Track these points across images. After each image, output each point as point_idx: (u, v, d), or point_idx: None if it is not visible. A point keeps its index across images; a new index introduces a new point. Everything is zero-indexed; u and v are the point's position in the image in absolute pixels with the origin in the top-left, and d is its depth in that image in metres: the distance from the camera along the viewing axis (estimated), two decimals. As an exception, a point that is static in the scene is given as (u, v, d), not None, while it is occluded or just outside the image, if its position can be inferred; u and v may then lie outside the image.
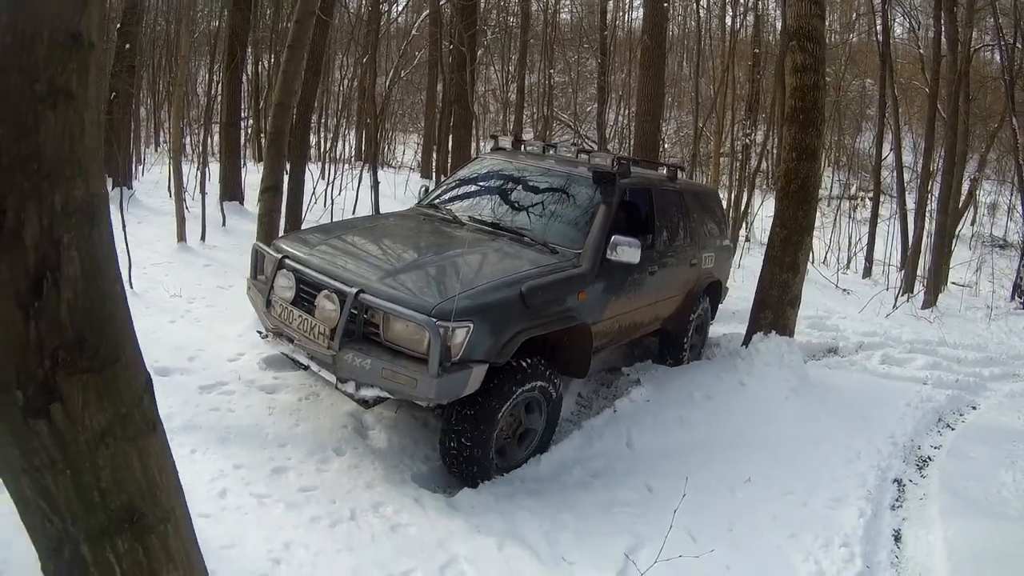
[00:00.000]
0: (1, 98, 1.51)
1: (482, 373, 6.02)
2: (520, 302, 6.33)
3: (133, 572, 2.03)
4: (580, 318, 7.13)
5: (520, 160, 9.17)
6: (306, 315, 6.38)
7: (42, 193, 1.58)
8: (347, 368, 6.03)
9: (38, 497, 1.85)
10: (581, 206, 8.08)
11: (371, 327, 6.11)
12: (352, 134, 31.97)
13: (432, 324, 5.63)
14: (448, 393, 5.85)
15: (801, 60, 9.86)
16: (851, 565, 5.77)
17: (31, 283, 1.61)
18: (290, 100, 9.99)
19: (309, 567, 4.88)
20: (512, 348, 6.23)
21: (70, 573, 1.97)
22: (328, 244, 7.20)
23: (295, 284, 6.59)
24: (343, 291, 6.11)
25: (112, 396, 1.84)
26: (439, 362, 5.64)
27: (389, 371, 5.83)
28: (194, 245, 13.42)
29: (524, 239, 7.62)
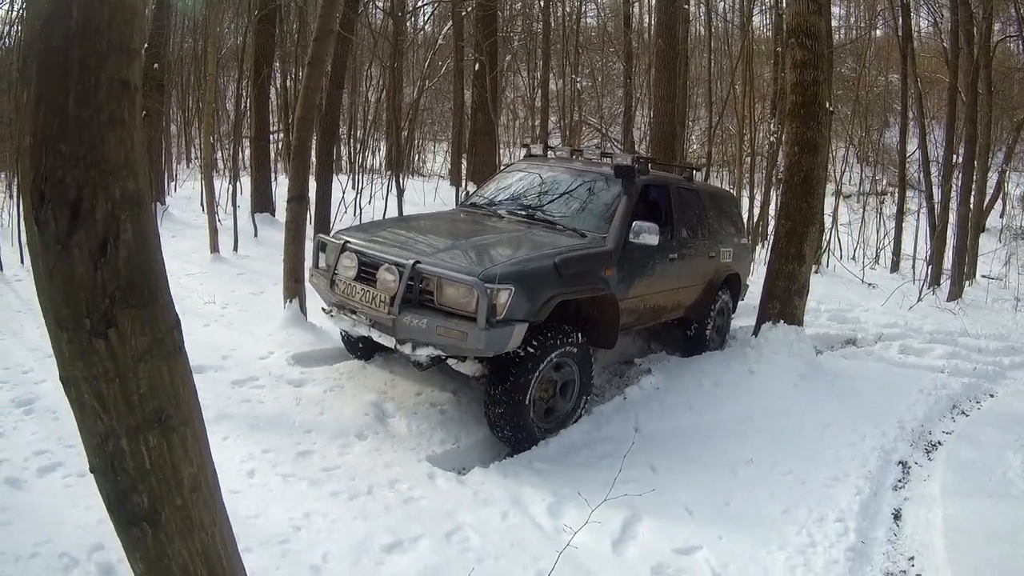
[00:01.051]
0: (80, 126, 2.21)
1: (523, 331, 6.81)
2: (554, 271, 7.16)
3: (159, 463, 2.61)
4: (608, 289, 7.89)
5: (550, 164, 10.03)
6: (368, 287, 7.20)
7: (108, 186, 2.27)
8: (406, 329, 6.88)
9: (93, 400, 2.46)
10: (605, 198, 8.88)
11: (426, 294, 6.90)
12: (382, 144, 32.24)
13: (480, 284, 6.47)
14: (494, 345, 6.65)
15: (800, 56, 10.11)
16: (844, 539, 5.85)
17: (99, 244, 2.29)
18: (312, 114, 10.28)
19: (326, 532, 5.28)
20: (548, 309, 7.04)
21: (112, 463, 2.56)
22: (381, 233, 8.09)
23: (357, 263, 7.41)
24: (402, 263, 6.95)
25: (152, 325, 2.48)
26: (486, 318, 6.47)
27: (443, 327, 6.66)
28: (227, 256, 13.82)
29: (556, 227, 8.48)
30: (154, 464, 2.61)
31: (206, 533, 2.83)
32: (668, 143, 16.48)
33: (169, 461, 2.64)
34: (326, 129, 13.54)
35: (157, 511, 2.65)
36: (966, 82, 20.55)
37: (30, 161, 2.24)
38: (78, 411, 2.53)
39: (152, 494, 2.63)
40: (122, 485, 2.59)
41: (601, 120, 34.38)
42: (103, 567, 4.69)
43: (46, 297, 2.39)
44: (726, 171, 29.55)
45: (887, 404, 8.97)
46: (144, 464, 2.59)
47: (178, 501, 2.69)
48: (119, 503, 2.64)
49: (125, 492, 2.61)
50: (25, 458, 5.93)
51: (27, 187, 2.29)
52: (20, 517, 5.16)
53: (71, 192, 2.23)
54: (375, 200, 19.27)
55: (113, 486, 2.61)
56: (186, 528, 2.74)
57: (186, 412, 2.68)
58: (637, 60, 29.93)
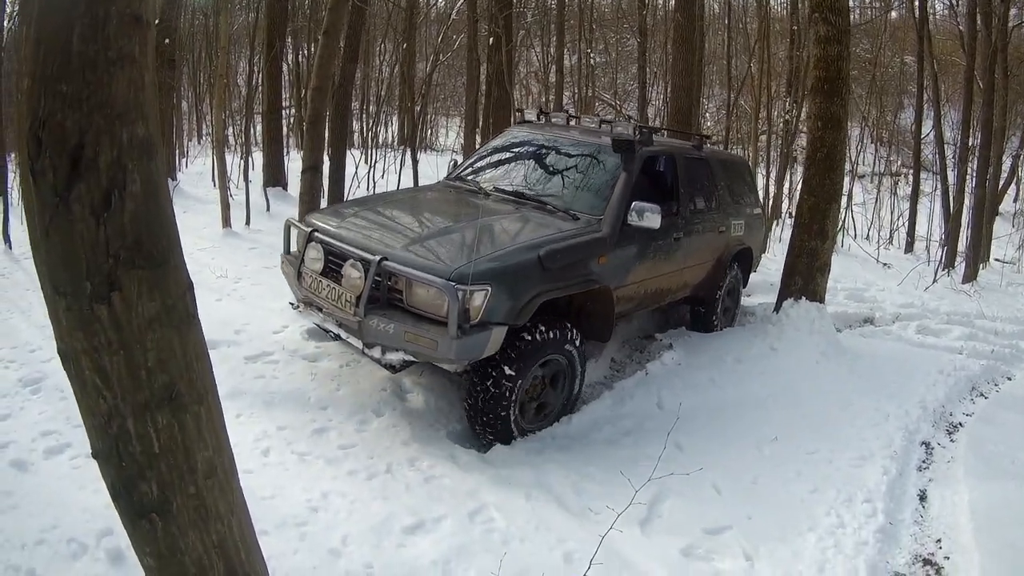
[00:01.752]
0: (84, 63, 1.97)
1: (502, 335, 6.24)
2: (538, 265, 6.52)
3: (169, 446, 2.38)
4: (601, 281, 7.28)
5: (544, 132, 9.31)
6: (334, 284, 6.67)
7: (113, 130, 2.02)
8: (372, 333, 6.31)
9: (94, 375, 2.23)
10: (602, 174, 8.25)
11: (395, 293, 6.39)
12: (395, 119, 32.14)
13: (450, 287, 5.87)
14: (468, 354, 6.10)
15: (825, 32, 9.93)
16: (873, 520, 5.81)
17: (103, 197, 2.04)
18: (327, 84, 10.19)
19: (345, 513, 5.16)
20: (530, 310, 6.43)
21: (116, 446, 2.34)
22: (355, 216, 7.48)
23: (323, 255, 6.92)
24: (367, 259, 6.39)
25: (161, 290, 2.24)
26: (458, 324, 5.90)
27: (412, 334, 6.11)
28: (239, 230, 13.70)
29: (547, 207, 7.81)
30: (164, 448, 2.38)
31: (222, 523, 2.61)
32: (685, 118, 16.35)
33: (181, 444, 2.41)
34: (339, 102, 13.38)
35: (168, 500, 2.43)
36: (983, 65, 20.41)
37: (27, 105, 2.00)
38: (78, 388, 2.31)
39: (162, 481, 2.41)
40: (128, 472, 2.38)
41: (615, 96, 34.25)
42: (112, 554, 4.55)
43: (42, 258, 2.16)
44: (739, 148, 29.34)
45: (908, 384, 8.89)
46: (153, 448, 2.36)
47: (191, 489, 2.47)
48: (125, 492, 2.42)
49: (132, 480, 2.39)
50: (32, 439, 5.81)
51: (23, 134, 2.04)
52: (26, 501, 5.04)
53: (72, 138, 1.98)
54: (388, 174, 19.14)
55: (118, 473, 2.40)
56: (200, 518, 2.53)
57: (200, 389, 2.45)
58: (652, 36, 29.74)
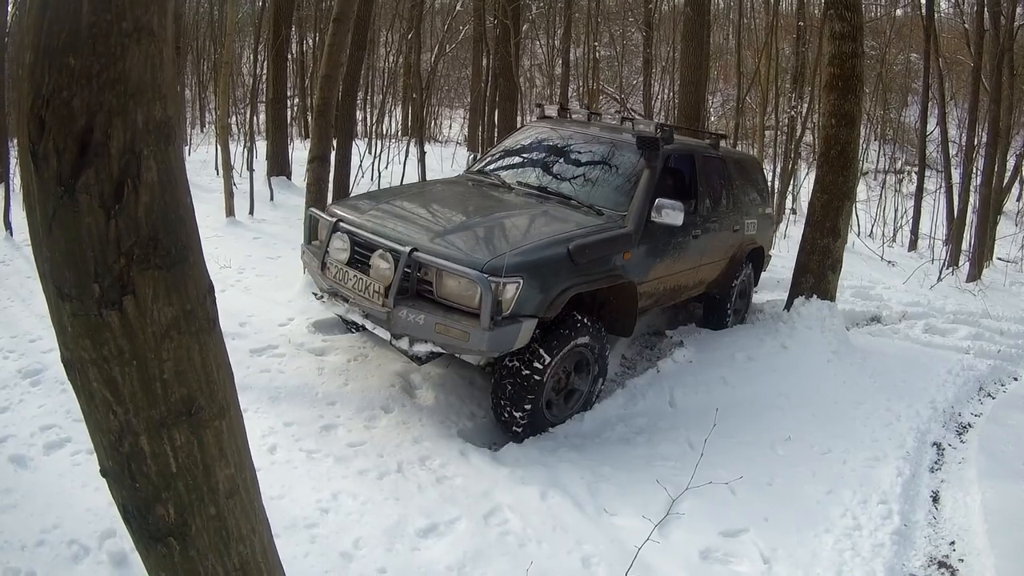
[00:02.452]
0: (96, 35, 1.74)
1: (532, 327, 6.24)
2: (568, 259, 6.54)
3: (188, 465, 2.18)
4: (626, 276, 7.31)
5: (566, 128, 9.29)
6: (361, 275, 6.59)
7: (127, 111, 1.80)
8: (401, 324, 6.25)
9: (104, 388, 2.02)
10: (626, 171, 8.23)
11: (424, 284, 6.34)
12: (398, 110, 32.09)
13: (484, 279, 5.86)
14: (499, 346, 6.08)
15: (840, 28, 9.88)
16: (888, 522, 5.78)
17: (114, 187, 1.81)
18: (336, 72, 10.09)
19: (356, 515, 5.05)
20: (560, 304, 6.45)
21: (129, 466, 2.13)
22: (380, 208, 7.39)
23: (350, 246, 6.82)
24: (397, 250, 6.32)
25: (180, 292, 2.01)
26: (490, 316, 5.89)
27: (442, 325, 6.06)
28: (243, 219, 13.58)
29: (571, 202, 7.79)
30: (182, 467, 2.19)
31: (244, 545, 2.44)
32: (693, 113, 16.24)
33: (201, 462, 2.22)
34: (347, 90, 13.28)
35: (186, 523, 2.25)
36: (991, 64, 20.39)
37: (29, 81, 1.78)
38: (85, 401, 2.10)
39: (180, 503, 2.22)
40: (142, 493, 2.18)
41: (620, 89, 34.20)
42: (115, 557, 4.45)
43: (44, 256, 1.93)
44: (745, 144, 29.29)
45: (918, 383, 8.87)
46: (170, 467, 2.17)
47: (212, 510, 2.29)
48: (139, 515, 2.23)
49: (146, 502, 2.19)
50: (31, 433, 5.70)
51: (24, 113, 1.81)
52: (26, 499, 4.93)
53: (79, 118, 1.76)
54: (392, 165, 19.06)
55: (131, 495, 2.20)
56: (221, 541, 2.35)
57: (221, 402, 2.25)
58: (657, 30, 29.70)
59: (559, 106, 9.82)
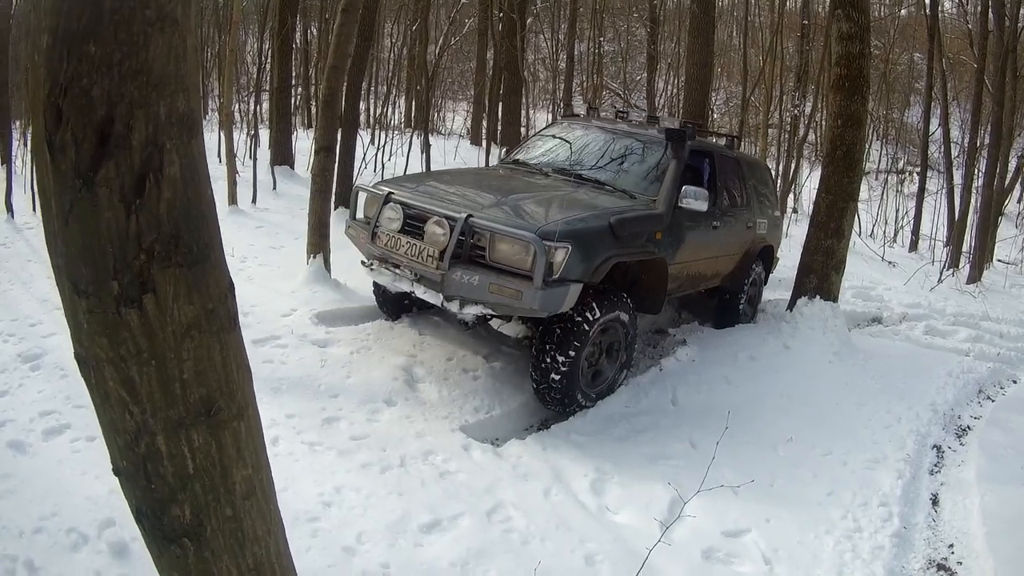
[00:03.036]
0: (117, 22, 1.68)
1: (578, 291, 6.65)
2: (610, 232, 6.97)
3: (205, 466, 2.14)
4: (659, 253, 7.79)
5: (593, 125, 9.75)
6: (415, 241, 6.96)
7: (149, 102, 1.74)
8: (455, 286, 6.67)
9: (120, 388, 1.97)
10: (653, 162, 8.69)
11: (477, 250, 6.74)
12: (402, 101, 32.05)
13: (539, 241, 6.30)
14: (550, 305, 6.48)
15: (847, 29, 9.88)
16: (889, 524, 5.80)
17: (135, 181, 1.75)
18: (343, 63, 10.07)
19: (360, 509, 5.03)
20: (603, 271, 6.94)
21: (144, 466, 2.09)
22: (427, 184, 8.03)
23: (402, 215, 7.17)
24: (453, 216, 6.72)
25: (201, 291, 1.97)
26: (543, 277, 6.30)
27: (496, 285, 6.48)
28: (246, 208, 13.57)
29: (604, 187, 8.26)
30: (199, 468, 2.15)
31: (259, 546, 2.41)
32: (699, 110, 16.23)
33: (218, 463, 2.19)
34: (352, 81, 13.27)
35: (202, 524, 2.22)
36: (995, 65, 20.35)
37: (46, 68, 1.70)
38: (99, 400, 2.05)
39: (196, 504, 2.18)
40: (158, 494, 2.14)
41: (623, 85, 34.18)
42: (115, 547, 4.40)
43: (59, 251, 1.87)
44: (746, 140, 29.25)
45: (918, 386, 8.88)
46: (187, 468, 2.13)
47: (228, 511, 2.26)
48: (153, 515, 2.20)
49: (162, 503, 2.16)
50: (31, 419, 5.67)
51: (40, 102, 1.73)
52: (24, 486, 4.89)
53: (100, 108, 1.69)
54: (396, 157, 19.04)
55: (146, 495, 2.16)
56: (236, 542, 2.32)
57: (240, 402, 2.23)
58: (661, 27, 29.68)
59: (588, 105, 10.24)
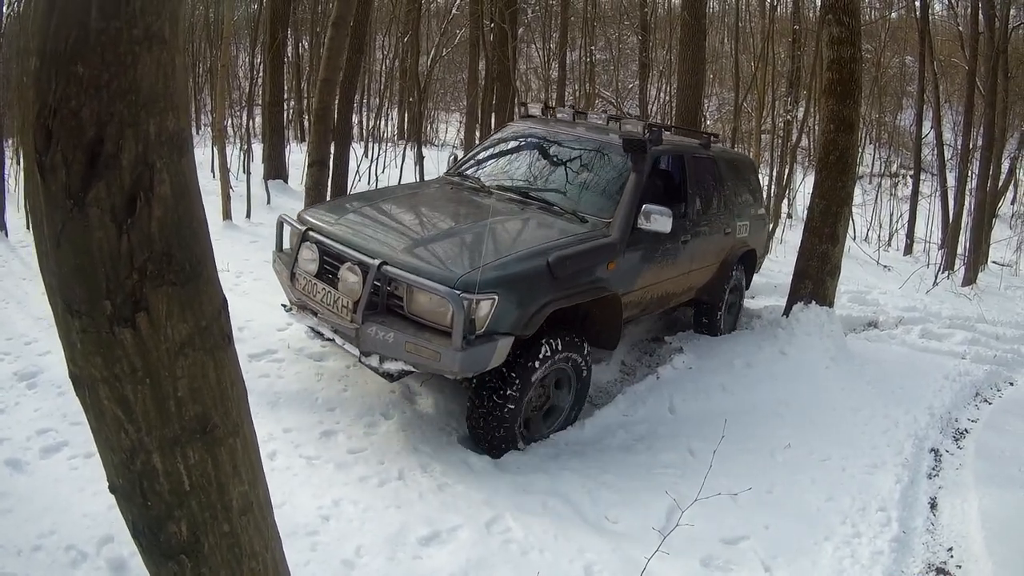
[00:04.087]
0: (104, 42, 1.70)
1: (508, 346, 5.99)
2: (547, 273, 6.27)
3: (201, 483, 2.15)
4: (610, 288, 7.05)
5: (550, 128, 9.02)
6: (329, 288, 6.39)
7: (138, 122, 1.75)
8: (370, 341, 6.03)
9: (115, 406, 1.98)
10: (611, 174, 8.00)
11: (395, 299, 6.09)
12: (394, 113, 32.07)
13: (456, 296, 5.59)
14: (473, 366, 5.83)
15: (838, 33, 9.89)
16: (887, 529, 5.81)
17: (126, 200, 1.77)
18: (335, 76, 10.11)
19: (358, 522, 5.03)
20: (539, 320, 6.17)
21: (140, 484, 2.10)
22: (353, 214, 7.23)
23: (319, 256, 6.61)
24: (366, 263, 6.09)
25: (194, 309, 1.98)
26: (463, 335, 5.63)
27: (412, 344, 5.82)
28: (240, 223, 13.54)
29: (553, 208, 7.55)
30: (195, 485, 2.17)
31: (257, 562, 2.43)
32: (692, 116, 16.25)
33: (215, 480, 2.20)
34: (344, 94, 13.29)
35: (199, 541, 2.24)
36: (986, 66, 20.42)
37: (35, 90, 1.73)
38: (94, 419, 2.07)
39: (193, 521, 2.20)
40: (154, 512, 2.17)
41: (616, 93, 34.22)
42: (114, 563, 4.42)
43: (51, 271, 1.89)
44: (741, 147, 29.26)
45: (915, 389, 8.89)
46: (183, 485, 2.15)
47: (225, 527, 2.28)
48: (150, 533, 2.22)
49: (159, 520, 2.18)
50: (27, 437, 5.66)
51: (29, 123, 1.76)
52: (22, 504, 4.89)
53: (89, 129, 1.71)
54: (389, 168, 19.07)
55: (142, 512, 2.19)
56: (234, 558, 2.34)
57: (235, 419, 2.25)
58: (653, 34, 29.71)
59: (543, 105, 9.63)
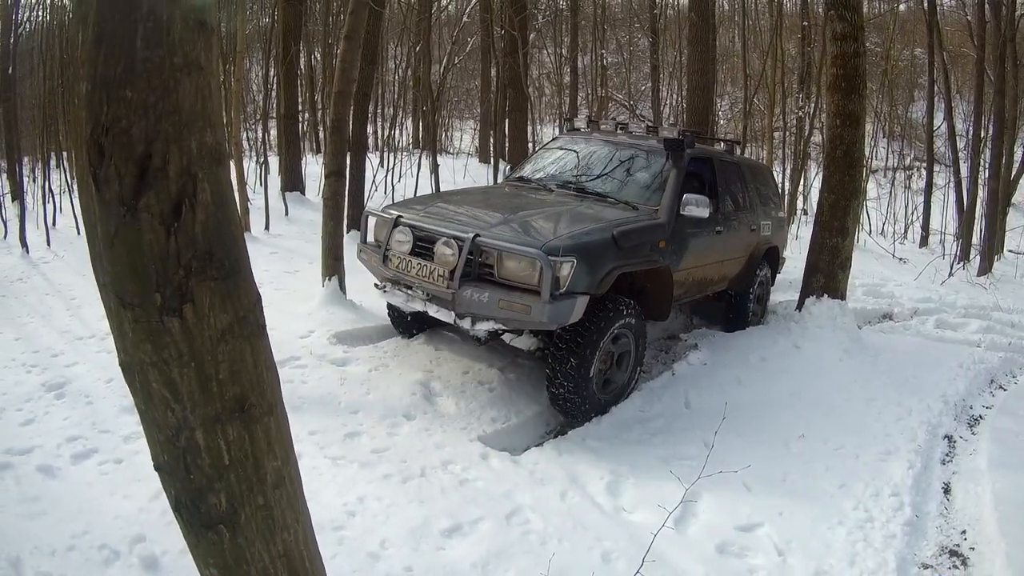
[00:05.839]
0: (150, 69, 1.93)
1: (584, 303, 6.78)
2: (613, 243, 7.13)
3: (239, 457, 2.35)
4: (663, 261, 7.94)
5: (595, 138, 9.90)
6: (425, 262, 7.15)
7: (182, 138, 1.98)
8: (466, 303, 6.85)
9: (163, 388, 2.19)
10: (654, 171, 8.85)
11: (485, 268, 6.90)
12: (409, 122, 32.16)
13: (544, 257, 6.47)
14: (558, 317, 6.62)
15: (841, 29, 9.93)
16: (900, 513, 5.86)
17: (173, 207, 2.00)
18: (349, 88, 10.19)
19: (382, 517, 5.18)
20: (608, 282, 7.05)
21: (184, 459, 2.30)
22: (434, 207, 8.04)
23: (412, 238, 7.38)
24: (461, 236, 6.92)
25: (233, 301, 2.20)
26: (550, 291, 6.47)
27: (505, 301, 6.64)
28: (259, 235, 13.73)
29: (607, 199, 8.46)
30: (234, 459, 2.36)
31: (289, 533, 2.60)
32: (702, 117, 16.34)
33: (251, 455, 2.39)
34: (359, 105, 13.43)
35: (236, 512, 2.42)
36: (993, 56, 20.32)
37: (87, 111, 1.95)
38: (143, 401, 2.27)
39: (231, 493, 2.39)
40: (196, 484, 2.35)
41: (628, 96, 34.24)
42: (146, 560, 4.58)
43: (106, 269, 2.10)
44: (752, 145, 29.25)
45: (929, 378, 8.92)
46: (223, 460, 2.34)
47: (260, 500, 2.45)
48: (192, 504, 2.40)
49: (200, 492, 2.36)
50: (58, 444, 5.85)
51: (83, 140, 1.98)
52: (55, 507, 5.06)
53: (138, 145, 1.94)
54: (405, 178, 19.17)
55: (185, 486, 2.37)
56: (268, 529, 2.51)
57: (270, 399, 2.44)
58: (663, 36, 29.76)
59: (587, 119, 10.51)
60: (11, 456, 5.64)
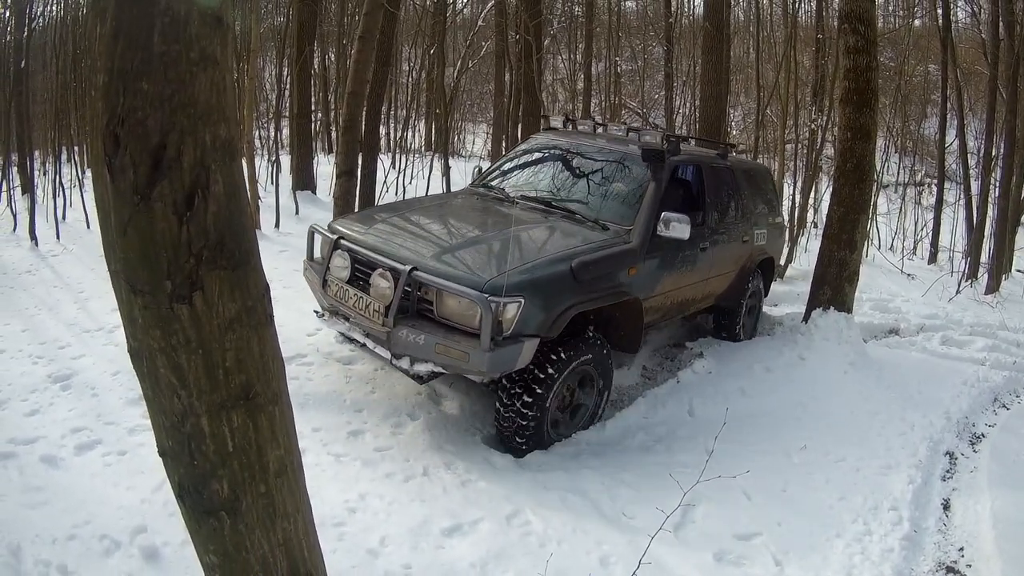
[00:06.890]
0: (167, 62, 1.98)
1: (533, 347, 6.18)
2: (571, 277, 6.48)
3: (242, 445, 2.40)
4: (631, 293, 7.26)
5: (571, 139, 9.22)
6: (361, 293, 6.58)
7: (196, 130, 2.03)
8: (401, 344, 6.23)
9: (171, 374, 2.24)
10: (631, 183, 8.19)
11: (424, 303, 6.33)
12: (421, 124, 32.18)
13: (484, 299, 5.80)
14: (500, 367, 6.03)
15: (854, 42, 9.89)
16: (898, 528, 5.88)
17: (186, 197, 2.05)
18: (362, 89, 10.23)
19: (383, 515, 5.21)
20: (563, 323, 6.38)
21: (188, 445, 2.35)
22: (382, 224, 7.49)
23: (350, 263, 6.83)
24: (397, 268, 6.28)
25: (242, 290, 2.25)
26: (491, 336, 5.84)
27: (442, 346, 6.02)
28: (269, 233, 13.73)
29: (575, 216, 7.76)
30: (237, 447, 2.41)
31: (289, 522, 2.65)
32: (715, 127, 16.31)
33: (255, 443, 2.44)
34: (372, 106, 13.45)
35: (238, 499, 2.46)
36: (1007, 74, 20.25)
37: (104, 102, 2.00)
38: (150, 387, 2.32)
39: (233, 480, 2.43)
40: (199, 470, 2.40)
41: (642, 104, 34.24)
42: (146, 551, 4.62)
43: (118, 256, 2.14)
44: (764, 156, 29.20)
45: (933, 394, 8.88)
46: (226, 446, 2.39)
47: (261, 487, 2.50)
48: (194, 490, 2.45)
49: (203, 478, 2.41)
50: (62, 435, 5.88)
51: (99, 130, 2.03)
52: (57, 497, 5.10)
53: (154, 136, 1.99)
54: (417, 179, 19.20)
55: (188, 471, 2.41)
56: (268, 517, 2.56)
57: (275, 389, 2.48)
58: (678, 44, 29.73)
59: (565, 117, 9.79)
60: (15, 446, 5.67)
